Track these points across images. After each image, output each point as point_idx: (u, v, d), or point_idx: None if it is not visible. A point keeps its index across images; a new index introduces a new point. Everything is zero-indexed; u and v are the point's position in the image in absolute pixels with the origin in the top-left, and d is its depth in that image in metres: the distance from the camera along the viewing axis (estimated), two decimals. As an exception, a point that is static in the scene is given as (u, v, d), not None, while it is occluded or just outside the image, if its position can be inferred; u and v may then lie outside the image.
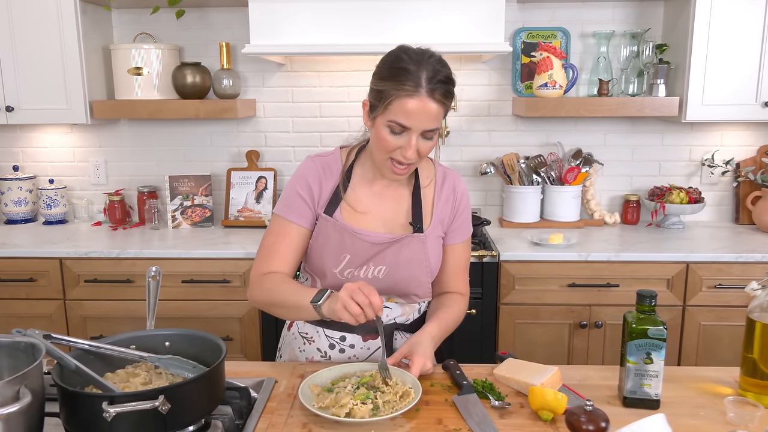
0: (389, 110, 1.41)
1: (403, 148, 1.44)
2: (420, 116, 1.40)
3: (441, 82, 1.41)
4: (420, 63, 1.41)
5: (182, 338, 1.40)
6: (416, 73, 1.39)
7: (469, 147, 3.20)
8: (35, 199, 3.22)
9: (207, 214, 3.10)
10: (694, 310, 2.62)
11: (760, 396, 1.35)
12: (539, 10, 3.06)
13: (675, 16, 2.91)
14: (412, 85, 1.38)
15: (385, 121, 1.43)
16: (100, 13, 3.01)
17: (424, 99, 1.39)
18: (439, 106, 1.41)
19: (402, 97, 1.39)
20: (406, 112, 1.39)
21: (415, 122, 1.40)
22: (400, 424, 1.27)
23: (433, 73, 1.40)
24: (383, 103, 1.41)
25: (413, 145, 1.43)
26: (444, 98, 1.42)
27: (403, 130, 1.42)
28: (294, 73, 3.15)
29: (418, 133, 1.43)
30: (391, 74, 1.42)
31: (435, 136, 1.47)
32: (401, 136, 1.43)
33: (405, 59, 1.42)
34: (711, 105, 2.77)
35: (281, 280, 1.52)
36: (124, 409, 1.09)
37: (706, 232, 2.96)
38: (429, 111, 1.40)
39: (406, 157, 1.44)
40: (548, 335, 2.66)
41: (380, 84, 1.44)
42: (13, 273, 2.70)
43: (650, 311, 1.33)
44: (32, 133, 3.25)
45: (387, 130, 1.44)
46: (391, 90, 1.40)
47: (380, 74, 1.46)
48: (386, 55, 1.48)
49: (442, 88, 1.41)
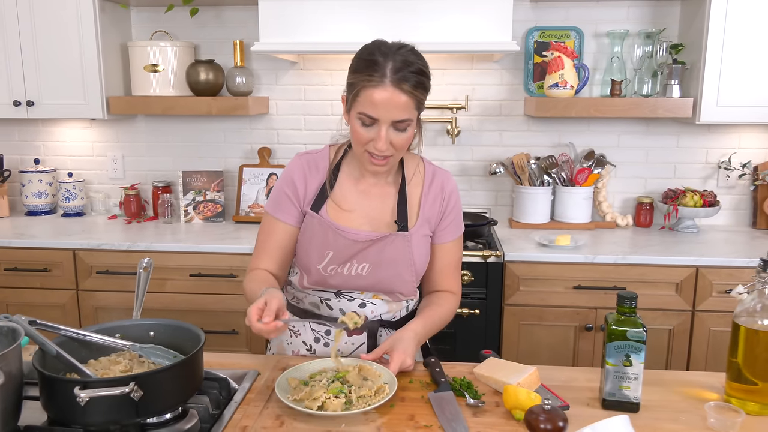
0: (357, 102, 1.42)
1: (375, 140, 1.45)
2: (386, 107, 1.40)
3: (411, 72, 1.41)
4: (388, 55, 1.41)
5: (166, 328, 1.42)
6: (383, 64, 1.40)
7: (480, 147, 3.18)
8: (55, 192, 3.31)
9: (218, 209, 3.15)
10: (704, 316, 2.57)
11: (744, 402, 1.32)
12: (552, 9, 3.03)
13: (691, 16, 2.85)
14: (379, 75, 1.39)
15: (356, 113, 1.44)
16: (118, 12, 3.08)
17: (389, 89, 1.39)
18: (408, 97, 1.41)
19: (368, 88, 1.40)
20: (373, 102, 1.40)
21: (381, 113, 1.41)
22: (372, 419, 1.27)
23: (401, 64, 1.40)
24: (353, 94, 1.43)
25: (383, 136, 1.43)
26: (413, 89, 1.41)
27: (373, 121, 1.43)
28: (306, 71, 3.18)
29: (388, 124, 1.43)
30: (361, 67, 1.43)
31: (410, 129, 1.47)
32: (371, 128, 1.44)
33: (375, 52, 1.43)
34: (726, 106, 2.72)
35: (254, 278, 1.56)
36: (96, 394, 1.11)
37: (721, 236, 2.90)
38: (396, 101, 1.40)
39: (378, 148, 1.44)
40: (553, 337, 2.64)
41: (352, 77, 1.46)
42: (29, 263, 2.77)
43: (630, 313, 1.31)
44: (53, 127, 3.34)
45: (358, 122, 1.45)
46: (359, 81, 1.42)
47: (353, 67, 1.47)
48: (361, 48, 1.49)
49: (412, 79, 1.41)
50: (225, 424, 1.27)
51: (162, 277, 2.72)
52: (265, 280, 1.54)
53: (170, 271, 2.72)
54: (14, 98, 2.94)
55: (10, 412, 1.15)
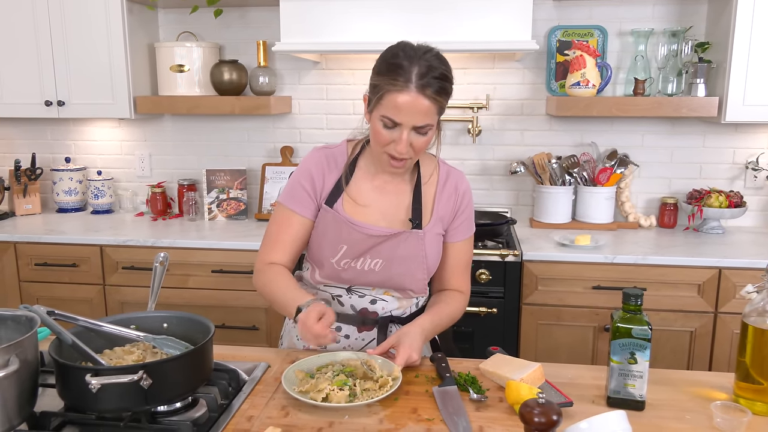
0: (381, 105, 1.44)
1: (396, 143, 1.47)
2: (410, 111, 1.42)
3: (435, 78, 1.42)
4: (413, 59, 1.43)
5: (179, 320, 1.46)
6: (408, 69, 1.41)
7: (502, 146, 3.17)
8: (84, 190, 3.40)
9: (241, 207, 3.20)
10: (727, 318, 2.53)
11: (753, 402, 1.31)
12: (576, 8, 3.01)
13: (718, 14, 2.81)
14: (403, 80, 1.41)
15: (378, 116, 1.46)
16: (146, 13, 3.16)
17: (414, 95, 1.41)
18: (431, 103, 1.43)
19: (392, 92, 1.41)
20: (397, 107, 1.42)
21: (405, 117, 1.43)
22: (375, 411, 1.29)
23: (426, 69, 1.42)
24: (376, 97, 1.45)
25: (404, 139, 1.45)
26: (436, 95, 1.43)
27: (395, 124, 1.45)
28: (329, 71, 3.21)
29: (410, 128, 1.45)
30: (385, 69, 1.45)
31: (430, 132, 1.48)
32: (393, 131, 1.46)
33: (400, 55, 1.45)
34: (753, 105, 2.67)
35: (278, 274, 1.57)
36: (107, 382, 1.15)
37: (746, 238, 2.85)
38: (419, 107, 1.42)
39: (398, 151, 1.46)
40: (571, 337, 2.62)
41: (376, 79, 1.47)
42: (59, 258, 2.86)
43: (636, 311, 1.30)
44: (83, 126, 3.43)
45: (380, 124, 1.47)
46: (384, 85, 1.43)
47: (377, 69, 1.49)
48: (385, 50, 1.50)
49: (435, 85, 1.42)
50: (233, 413, 1.30)
51: (185, 273, 2.77)
52: (286, 278, 1.57)
53: (193, 268, 2.78)
54: (46, 98, 3.04)
55: (26, 398, 1.19)
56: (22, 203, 3.31)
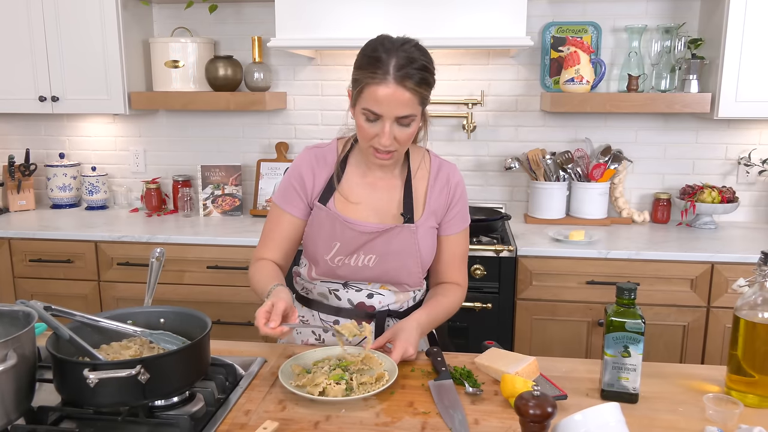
0: (362, 98, 1.45)
1: (379, 136, 1.47)
2: (390, 103, 1.42)
3: (415, 69, 1.43)
4: (391, 51, 1.43)
5: (176, 316, 1.46)
6: (386, 61, 1.42)
7: (497, 142, 3.19)
8: (79, 186, 3.40)
9: (236, 203, 3.20)
10: (719, 312, 2.55)
11: (744, 394, 1.32)
12: (570, 4, 3.02)
13: (711, 11, 2.83)
14: (382, 72, 1.41)
15: (360, 109, 1.47)
16: (140, 8, 3.15)
17: (393, 86, 1.41)
18: (411, 94, 1.43)
19: (371, 85, 1.42)
20: (377, 99, 1.43)
21: (385, 109, 1.43)
22: (371, 405, 1.30)
23: (405, 60, 1.42)
24: (357, 90, 1.46)
25: (387, 132, 1.46)
26: (416, 86, 1.43)
27: (377, 117, 1.45)
28: (324, 67, 3.21)
29: (392, 120, 1.45)
30: (365, 63, 1.46)
31: (414, 124, 1.49)
32: (376, 124, 1.47)
33: (379, 48, 1.45)
34: (745, 101, 2.69)
35: (261, 267, 1.60)
36: (105, 376, 1.16)
37: (739, 233, 2.87)
38: (399, 98, 1.42)
39: (382, 144, 1.47)
40: (566, 332, 2.64)
41: (356, 73, 1.48)
42: (53, 254, 2.86)
43: (629, 305, 1.32)
44: (78, 122, 3.42)
45: (363, 117, 1.48)
46: (363, 78, 1.44)
47: (357, 63, 1.49)
48: (365, 43, 1.51)
49: (415, 76, 1.43)
50: (230, 407, 1.31)
51: (180, 269, 2.78)
52: (271, 273, 1.58)
53: (188, 264, 2.78)
54: (40, 94, 3.03)
55: (23, 392, 1.20)
56: (16, 199, 3.31)
